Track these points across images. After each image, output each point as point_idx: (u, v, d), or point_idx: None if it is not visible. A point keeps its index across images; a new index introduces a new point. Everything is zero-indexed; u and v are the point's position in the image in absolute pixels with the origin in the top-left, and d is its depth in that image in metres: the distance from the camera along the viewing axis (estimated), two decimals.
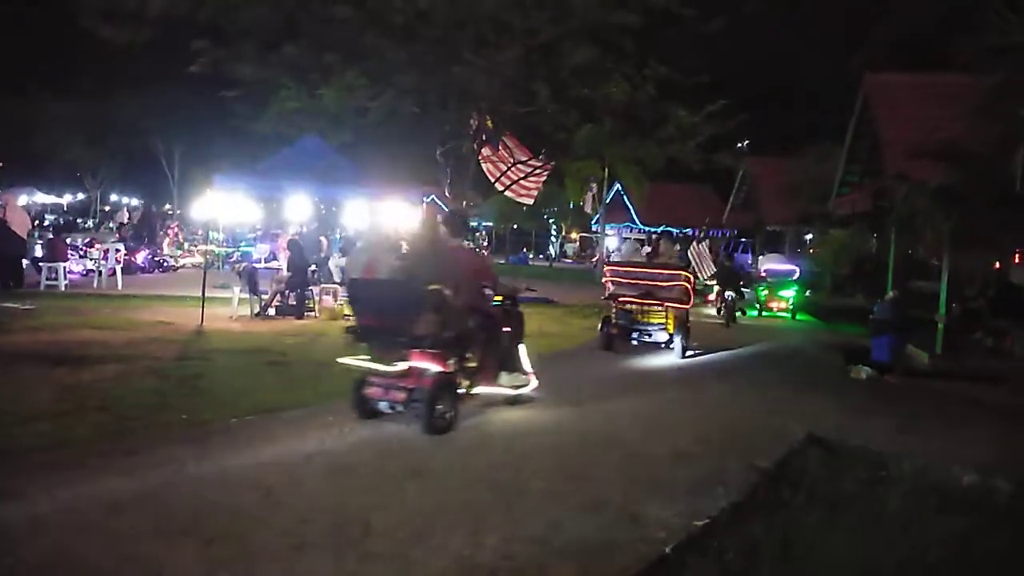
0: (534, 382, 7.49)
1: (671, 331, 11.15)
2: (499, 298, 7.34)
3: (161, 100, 37.26)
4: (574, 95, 10.71)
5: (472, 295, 6.87)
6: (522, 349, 7.48)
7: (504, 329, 7.21)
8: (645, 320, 11.43)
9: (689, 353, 11.29)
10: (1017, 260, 15.11)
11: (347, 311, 13.88)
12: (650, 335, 11.39)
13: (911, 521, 5.03)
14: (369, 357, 6.59)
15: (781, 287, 18.67)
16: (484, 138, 11.87)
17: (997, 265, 15.06)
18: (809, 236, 27.77)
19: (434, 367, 6.35)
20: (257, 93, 10.85)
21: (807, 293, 20.00)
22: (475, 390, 6.88)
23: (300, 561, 3.99)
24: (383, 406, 6.44)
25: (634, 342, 11.46)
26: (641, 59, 10.47)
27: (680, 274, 11.47)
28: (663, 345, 11.36)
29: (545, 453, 5.91)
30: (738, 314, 17.00)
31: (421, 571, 3.86)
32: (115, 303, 14.01)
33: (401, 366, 6.26)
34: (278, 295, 13.66)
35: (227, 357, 9.35)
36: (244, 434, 6.24)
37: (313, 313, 13.73)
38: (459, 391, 6.61)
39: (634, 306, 11.43)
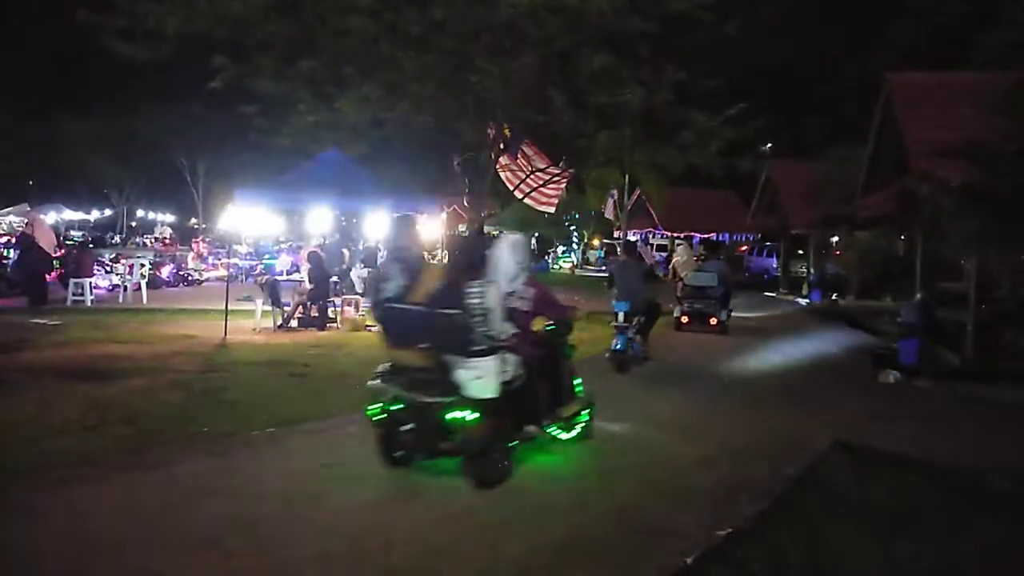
0: None
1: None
2: None
3: (184, 116, 37.80)
4: (591, 102, 10.65)
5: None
6: None
7: None
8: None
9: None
10: None
11: (369, 322, 13.96)
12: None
13: (942, 528, 4.94)
14: None
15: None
16: (502, 147, 11.83)
17: None
18: (835, 239, 27.34)
19: None
20: (276, 107, 10.93)
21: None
22: None
23: (322, 574, 3.99)
24: None
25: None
26: (658, 64, 10.39)
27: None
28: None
29: None
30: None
31: None
32: (140, 317, 14.14)
33: None
34: (300, 307, 13.73)
35: (250, 369, 9.40)
36: (265, 446, 6.27)
37: (335, 324, 13.77)
38: None
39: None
